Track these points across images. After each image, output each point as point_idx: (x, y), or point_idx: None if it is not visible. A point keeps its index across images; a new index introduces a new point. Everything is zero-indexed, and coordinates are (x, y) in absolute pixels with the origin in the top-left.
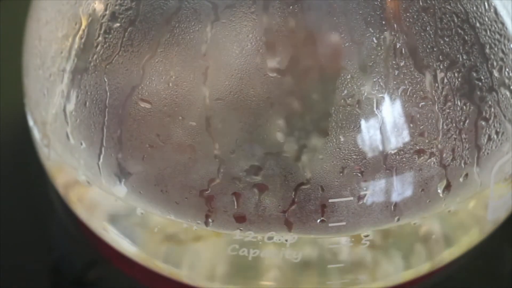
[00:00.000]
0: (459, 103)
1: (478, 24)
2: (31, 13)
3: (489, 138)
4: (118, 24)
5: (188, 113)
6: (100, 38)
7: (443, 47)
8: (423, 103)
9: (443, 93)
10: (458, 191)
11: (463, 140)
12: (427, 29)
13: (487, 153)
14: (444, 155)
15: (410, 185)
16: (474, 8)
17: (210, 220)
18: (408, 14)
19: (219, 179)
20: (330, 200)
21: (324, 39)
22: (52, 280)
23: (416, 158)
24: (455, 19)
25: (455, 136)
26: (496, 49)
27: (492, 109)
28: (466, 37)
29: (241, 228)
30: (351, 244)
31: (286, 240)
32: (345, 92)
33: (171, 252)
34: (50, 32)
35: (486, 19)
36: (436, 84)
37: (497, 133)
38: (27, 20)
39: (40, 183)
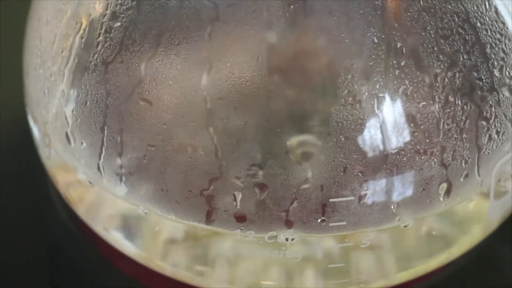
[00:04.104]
0: (459, 102)
1: (478, 24)
2: (31, 12)
3: (490, 138)
4: (118, 24)
5: (189, 113)
6: (100, 38)
7: (444, 47)
8: (423, 103)
9: (444, 92)
10: (458, 191)
11: (464, 140)
12: (428, 28)
13: (488, 153)
14: (444, 155)
15: (411, 185)
16: (475, 7)
17: (210, 219)
18: (409, 13)
19: (219, 179)
20: (330, 200)
21: (325, 39)
22: (52, 280)
23: (417, 158)
24: (456, 19)
25: (455, 136)
26: (497, 48)
27: (493, 109)
28: (467, 37)
29: (242, 228)
30: (352, 243)
31: (287, 240)
32: (346, 91)
33: (171, 251)
34: (50, 32)
35: (487, 19)
36: (437, 84)
37: (497, 132)
38: (27, 19)
39: (41, 183)
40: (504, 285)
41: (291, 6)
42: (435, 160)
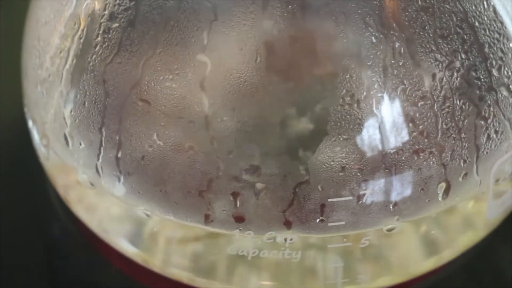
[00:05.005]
0: (458, 102)
1: (477, 24)
2: (30, 13)
3: (488, 137)
4: (117, 24)
5: (187, 113)
6: (99, 38)
7: (442, 46)
8: (422, 103)
9: (442, 92)
10: (457, 191)
11: (462, 140)
12: (426, 28)
13: (487, 152)
14: (443, 155)
15: (410, 185)
16: (473, 7)
17: (209, 220)
18: (407, 13)
19: (218, 179)
20: (329, 200)
21: (323, 39)
22: (52, 280)
23: (415, 157)
24: (454, 19)
25: (454, 136)
26: (495, 48)
27: (491, 108)
28: (465, 37)
29: (241, 228)
30: (351, 243)
31: (286, 240)
32: (344, 91)
33: (170, 252)
34: (49, 32)
35: (485, 18)
36: (435, 84)
37: (496, 132)
38: (26, 20)
39: (40, 184)
40: (503, 285)
41: (290, 6)
42: (433, 159)
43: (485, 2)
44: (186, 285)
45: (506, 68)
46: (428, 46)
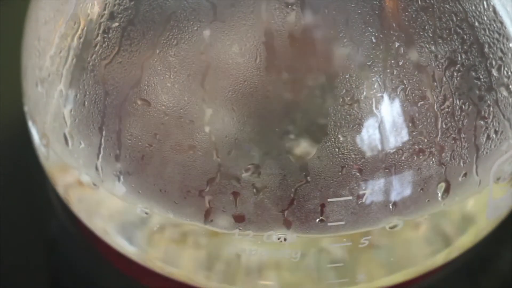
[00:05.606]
0: (458, 102)
1: (477, 23)
2: (30, 13)
3: (488, 137)
4: (116, 24)
5: (187, 113)
6: (98, 38)
7: (442, 46)
8: (422, 103)
9: (442, 92)
10: (457, 191)
11: (462, 140)
12: (426, 28)
13: (486, 152)
14: (443, 155)
15: (409, 185)
16: (473, 7)
17: (209, 219)
18: (407, 13)
19: (218, 179)
20: (329, 200)
21: (323, 39)
22: (52, 280)
23: (415, 157)
24: (454, 18)
25: (454, 136)
26: (495, 48)
27: (491, 108)
28: (465, 36)
29: (240, 228)
30: (350, 243)
31: (285, 240)
32: (344, 91)
33: (170, 252)
34: (49, 32)
35: (485, 18)
36: (435, 83)
37: (496, 132)
38: (26, 20)
39: (40, 184)
40: (503, 285)
41: (289, 6)
42: (433, 159)
43: (485, 2)
44: (186, 285)
45: (506, 68)
46: (428, 46)
